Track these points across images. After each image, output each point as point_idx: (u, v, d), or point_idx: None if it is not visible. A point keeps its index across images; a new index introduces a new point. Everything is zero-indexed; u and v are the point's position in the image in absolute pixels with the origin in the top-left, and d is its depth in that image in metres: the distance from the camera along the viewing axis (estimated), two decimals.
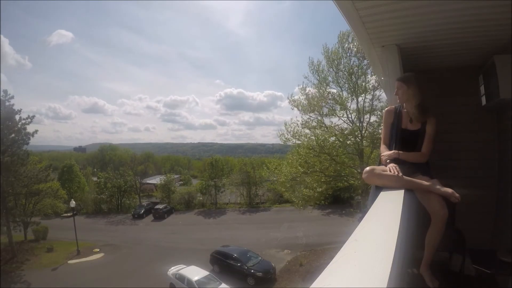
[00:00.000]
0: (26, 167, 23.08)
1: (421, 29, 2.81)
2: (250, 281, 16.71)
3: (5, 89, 22.40)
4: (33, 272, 19.79)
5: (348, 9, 2.49)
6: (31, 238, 25.70)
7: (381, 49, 3.20)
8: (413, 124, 2.29)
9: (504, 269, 2.70)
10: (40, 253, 23.05)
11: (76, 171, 41.79)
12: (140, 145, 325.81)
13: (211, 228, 28.79)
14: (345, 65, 17.04)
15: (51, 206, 28.44)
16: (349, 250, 0.89)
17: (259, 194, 38.24)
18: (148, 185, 47.17)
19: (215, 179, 38.56)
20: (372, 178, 1.92)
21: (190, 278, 15.54)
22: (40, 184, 24.30)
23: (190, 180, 53.69)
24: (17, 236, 24.09)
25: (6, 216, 21.66)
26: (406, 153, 2.16)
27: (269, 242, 23.14)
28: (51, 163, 30.08)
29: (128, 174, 40.45)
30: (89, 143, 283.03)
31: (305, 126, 18.27)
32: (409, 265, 2.09)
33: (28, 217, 24.86)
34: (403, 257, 1.09)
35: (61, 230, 27.27)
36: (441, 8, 2.42)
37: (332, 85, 17.86)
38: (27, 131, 22.73)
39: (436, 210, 1.92)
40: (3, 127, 21.44)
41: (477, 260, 2.73)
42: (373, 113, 17.35)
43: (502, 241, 3.45)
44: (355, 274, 0.73)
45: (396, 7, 2.45)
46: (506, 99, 3.08)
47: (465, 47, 3.27)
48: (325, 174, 17.76)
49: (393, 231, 1.01)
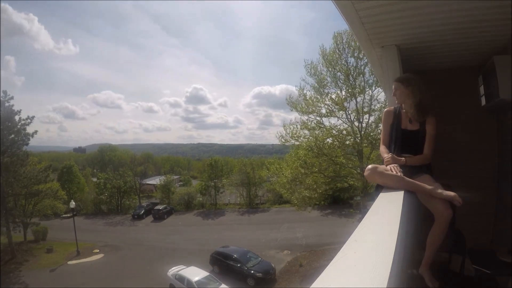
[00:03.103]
0: (25, 168, 23.08)
1: (421, 29, 2.81)
2: (250, 282, 16.69)
3: (5, 90, 22.32)
4: (32, 272, 19.77)
5: (348, 10, 2.49)
6: (30, 239, 25.67)
7: (380, 50, 3.20)
8: (413, 125, 2.28)
9: (504, 269, 2.70)
10: (39, 254, 23.04)
11: (76, 172, 41.83)
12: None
13: (210, 229, 28.77)
14: (342, 66, 17.02)
15: (50, 206, 28.40)
16: (349, 250, 0.89)
17: (259, 195, 38.23)
18: (147, 186, 47.18)
19: (215, 180, 38.55)
20: (374, 176, 1.92)
21: (190, 279, 15.54)
22: (39, 185, 24.30)
23: (190, 181, 53.70)
24: (17, 236, 24.06)
25: (5, 217, 21.62)
26: (411, 158, 2.16)
27: (269, 242, 23.13)
28: (51, 164, 30.03)
29: (127, 174, 40.45)
30: (89, 144, 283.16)
31: (304, 127, 18.29)
32: (409, 265, 2.09)
33: (28, 218, 24.85)
34: (403, 258, 1.08)
35: (60, 231, 27.26)
36: (441, 9, 2.42)
37: (330, 85, 17.85)
38: (27, 131, 22.76)
39: (441, 211, 1.91)
40: (3, 128, 21.44)
41: (477, 260, 2.72)
42: (371, 114, 17.36)
43: (502, 241, 3.45)
44: (355, 274, 0.72)
45: (396, 7, 2.45)
46: (505, 99, 3.08)
47: (465, 47, 3.28)
48: (324, 175, 17.76)
49: (393, 231, 1.00)
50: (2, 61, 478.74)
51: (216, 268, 18.25)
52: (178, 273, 16.36)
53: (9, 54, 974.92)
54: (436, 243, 2.06)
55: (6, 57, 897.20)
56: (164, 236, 26.69)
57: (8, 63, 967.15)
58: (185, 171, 76.28)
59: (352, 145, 17.89)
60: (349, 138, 17.88)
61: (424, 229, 2.10)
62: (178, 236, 26.64)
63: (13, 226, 22.64)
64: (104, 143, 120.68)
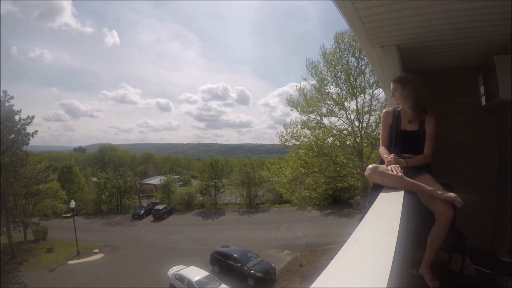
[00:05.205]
0: (25, 168, 23.07)
1: (421, 29, 2.81)
2: (250, 282, 16.69)
3: (5, 90, 22.33)
4: (32, 272, 19.77)
5: (348, 10, 2.49)
6: (31, 239, 25.68)
7: (381, 50, 3.20)
8: (412, 125, 2.28)
9: (504, 269, 2.70)
10: (40, 254, 23.04)
11: (76, 172, 41.80)
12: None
13: (211, 229, 28.77)
14: (343, 65, 17.02)
15: (51, 206, 28.39)
16: (349, 250, 0.89)
17: (259, 195, 38.23)
18: (148, 186, 47.17)
19: (215, 180, 38.54)
20: (375, 176, 1.92)
21: (190, 279, 15.54)
22: (39, 185, 24.31)
23: (190, 181, 53.68)
24: (17, 236, 24.07)
25: (6, 217, 21.62)
26: (412, 159, 2.15)
27: (269, 242, 23.13)
28: (51, 164, 30.04)
29: (128, 174, 40.41)
30: (88, 144, 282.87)
31: (304, 126, 18.29)
32: (409, 265, 2.09)
33: (28, 218, 24.82)
34: (403, 257, 1.08)
35: (61, 231, 27.25)
36: (441, 9, 2.42)
37: (331, 85, 17.86)
38: (27, 131, 22.77)
39: (442, 211, 1.91)
40: (3, 128, 21.44)
41: (477, 260, 2.72)
42: (372, 114, 17.36)
43: (502, 241, 3.45)
44: (355, 274, 0.72)
45: (396, 7, 2.45)
46: (505, 99, 3.08)
47: (465, 47, 3.28)
48: (324, 175, 17.76)
49: (393, 231, 1.00)
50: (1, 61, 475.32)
51: (216, 268, 18.26)
52: (178, 273, 16.36)
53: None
54: (437, 243, 2.06)
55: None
56: (164, 236, 26.68)
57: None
58: (185, 171, 76.22)
59: (353, 145, 17.89)
60: (350, 138, 17.89)
61: (424, 229, 2.10)
62: (178, 236, 26.64)
63: (13, 226, 22.64)
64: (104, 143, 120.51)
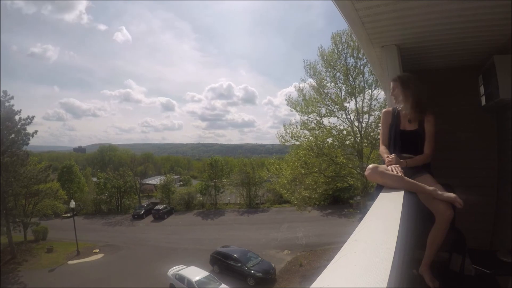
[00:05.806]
0: (25, 168, 23.05)
1: (421, 29, 2.81)
2: (250, 282, 16.68)
3: (5, 90, 22.33)
4: (32, 272, 19.76)
5: (348, 10, 2.49)
6: (31, 239, 25.68)
7: (380, 50, 3.20)
8: (412, 125, 2.28)
9: (504, 269, 2.70)
10: (40, 254, 23.04)
11: (76, 172, 41.75)
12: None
13: (211, 229, 28.76)
14: (342, 66, 17.01)
15: (51, 206, 28.38)
16: (349, 250, 0.89)
17: (259, 195, 38.23)
18: (148, 186, 47.17)
19: (215, 180, 38.55)
20: (375, 176, 1.92)
21: (190, 279, 15.53)
22: (39, 185, 24.28)
23: (190, 181, 53.66)
24: (17, 236, 24.07)
25: (6, 217, 21.63)
26: (412, 159, 2.16)
27: (269, 242, 23.13)
28: (51, 164, 30.02)
29: (127, 174, 40.41)
30: (89, 144, 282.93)
31: (304, 127, 18.28)
32: (409, 265, 2.09)
33: (28, 218, 24.84)
34: (403, 257, 1.08)
35: (61, 231, 27.28)
36: (441, 8, 2.42)
37: (330, 86, 17.85)
38: (27, 131, 22.77)
39: (442, 211, 1.91)
40: (3, 128, 21.44)
41: (477, 260, 2.72)
42: (371, 114, 17.36)
43: (502, 241, 3.45)
44: (355, 274, 0.72)
45: (396, 7, 2.45)
46: (505, 99, 3.08)
47: (465, 47, 3.27)
48: (324, 175, 17.77)
49: (393, 231, 1.00)
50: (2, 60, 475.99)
51: (216, 268, 18.25)
52: (178, 273, 16.36)
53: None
54: (437, 243, 2.05)
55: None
56: (164, 236, 26.68)
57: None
58: (185, 171, 76.22)
59: (352, 145, 17.90)
60: (349, 138, 17.88)
61: (424, 229, 2.10)
62: (178, 236, 26.64)
63: (13, 226, 22.65)
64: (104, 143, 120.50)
